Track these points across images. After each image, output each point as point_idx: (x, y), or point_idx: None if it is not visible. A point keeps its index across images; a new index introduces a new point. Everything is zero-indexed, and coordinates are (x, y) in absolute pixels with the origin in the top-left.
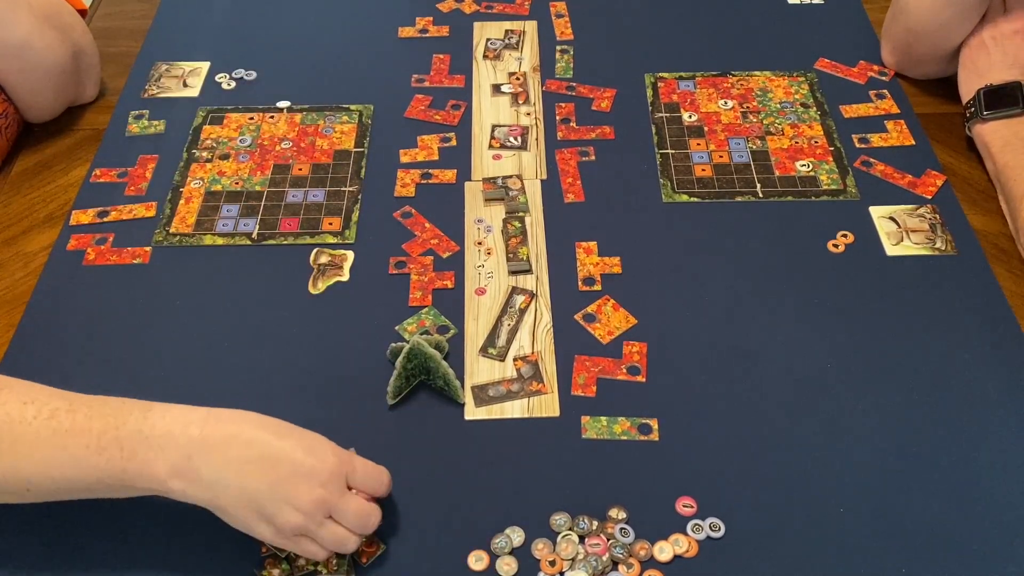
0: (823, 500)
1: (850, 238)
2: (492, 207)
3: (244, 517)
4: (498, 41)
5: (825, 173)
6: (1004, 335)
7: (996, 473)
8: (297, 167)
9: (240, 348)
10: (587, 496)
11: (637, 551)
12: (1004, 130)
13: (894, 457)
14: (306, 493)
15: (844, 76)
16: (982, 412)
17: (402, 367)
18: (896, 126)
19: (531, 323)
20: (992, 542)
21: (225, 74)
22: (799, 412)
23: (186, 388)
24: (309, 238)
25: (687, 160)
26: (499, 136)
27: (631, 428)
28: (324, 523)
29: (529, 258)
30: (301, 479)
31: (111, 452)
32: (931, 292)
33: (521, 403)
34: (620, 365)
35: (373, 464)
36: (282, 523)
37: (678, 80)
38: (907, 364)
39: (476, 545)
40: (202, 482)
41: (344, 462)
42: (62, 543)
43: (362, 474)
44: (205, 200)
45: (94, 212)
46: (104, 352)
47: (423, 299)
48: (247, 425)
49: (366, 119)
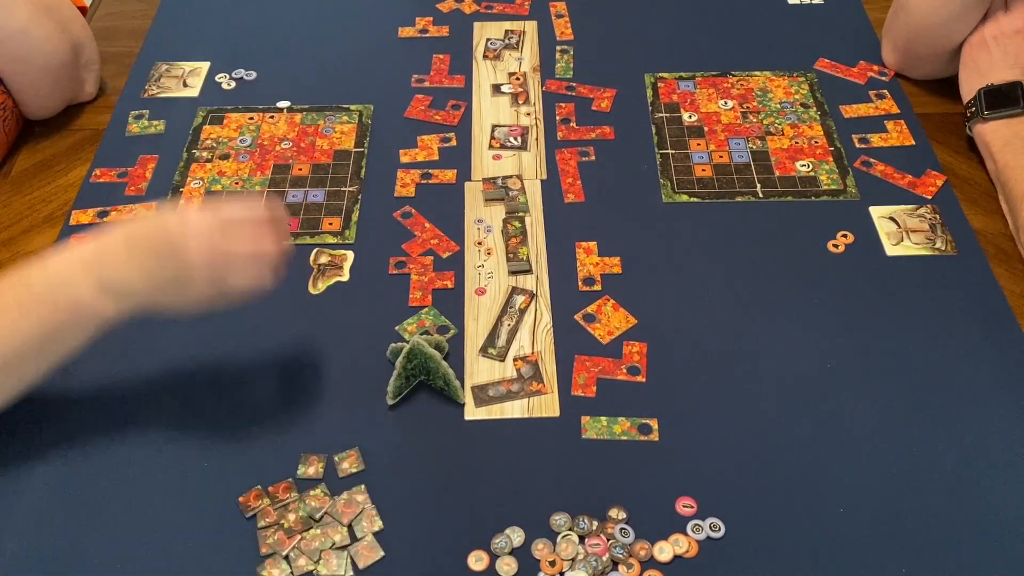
0: (823, 500)
1: (850, 238)
2: (492, 207)
3: (167, 304)
4: (498, 41)
5: (825, 173)
6: (1004, 335)
7: (996, 473)
8: (297, 167)
9: (240, 348)
10: (587, 496)
11: (637, 551)
12: (1005, 130)
13: (894, 457)
14: (199, 250)
15: (844, 76)
16: (982, 412)
17: (402, 367)
18: (896, 126)
19: (531, 323)
20: (992, 542)
21: (225, 74)
22: (799, 412)
23: (186, 388)
24: (309, 238)
25: (687, 160)
26: (499, 136)
27: (631, 428)
28: (231, 264)
29: (529, 258)
30: (189, 241)
31: (39, 311)
32: (931, 292)
33: (521, 403)
34: (620, 365)
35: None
36: (198, 286)
37: (678, 80)
38: (907, 364)
39: (476, 545)
40: (120, 291)
41: (213, 210)
42: (62, 544)
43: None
44: (205, 200)
45: (94, 212)
46: (104, 352)
47: (423, 299)
48: (124, 230)
49: (366, 119)
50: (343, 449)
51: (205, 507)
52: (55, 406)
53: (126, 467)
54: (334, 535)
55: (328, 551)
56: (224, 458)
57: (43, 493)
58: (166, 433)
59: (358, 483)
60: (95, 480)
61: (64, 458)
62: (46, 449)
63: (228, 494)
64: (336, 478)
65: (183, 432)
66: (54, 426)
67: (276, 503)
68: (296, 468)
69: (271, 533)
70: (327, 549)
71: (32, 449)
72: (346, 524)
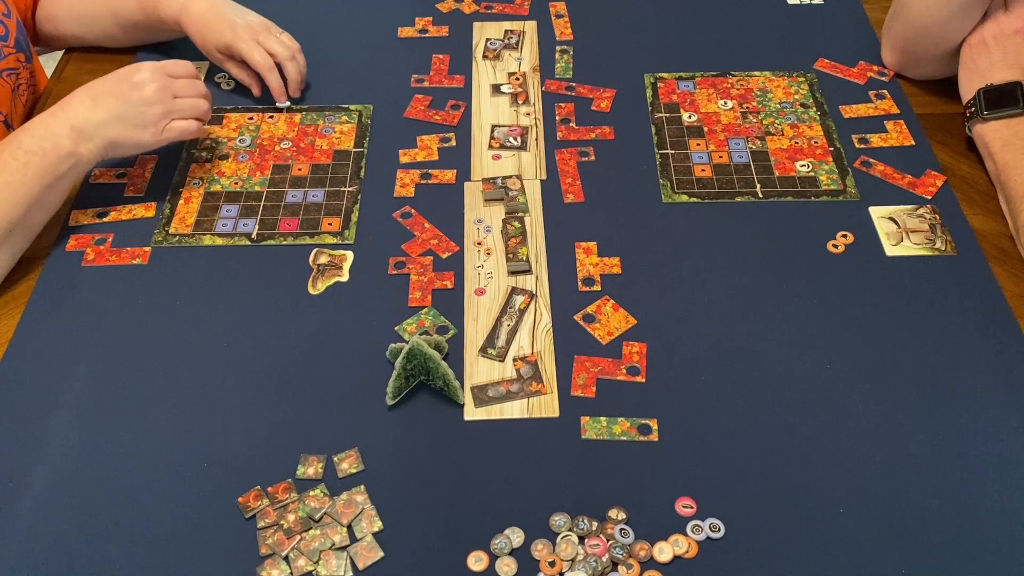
0: (823, 500)
1: (850, 238)
2: (492, 207)
3: (128, 136)
4: (498, 41)
5: (825, 173)
6: (1004, 335)
7: (996, 473)
8: (296, 167)
9: (240, 348)
10: (587, 497)
11: (637, 552)
12: (1004, 130)
13: (894, 457)
14: (146, 84)
15: (844, 76)
16: (982, 412)
17: (402, 367)
18: (896, 126)
19: (531, 323)
20: (992, 542)
21: (225, 74)
22: (799, 412)
23: (186, 388)
24: (309, 238)
25: (687, 160)
26: (499, 136)
27: (631, 428)
28: (176, 101)
29: (529, 258)
30: (138, 84)
31: (34, 162)
32: (931, 292)
33: (521, 403)
34: (620, 365)
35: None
36: (147, 118)
37: (678, 80)
38: (907, 364)
39: (476, 545)
40: (90, 132)
41: (156, 65)
42: (62, 544)
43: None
44: (204, 200)
45: (93, 212)
46: (104, 352)
47: (423, 299)
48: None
49: (366, 119)
50: (343, 449)
51: (205, 507)
52: (55, 406)
53: (126, 467)
54: (334, 536)
55: (328, 551)
56: (224, 458)
57: (43, 493)
58: (166, 433)
59: (358, 483)
60: (95, 480)
61: (64, 458)
62: (46, 449)
63: (228, 494)
64: (336, 478)
65: (183, 432)
66: (54, 426)
67: (276, 503)
68: (296, 468)
69: (271, 533)
70: (327, 550)
71: (32, 449)
72: (346, 525)
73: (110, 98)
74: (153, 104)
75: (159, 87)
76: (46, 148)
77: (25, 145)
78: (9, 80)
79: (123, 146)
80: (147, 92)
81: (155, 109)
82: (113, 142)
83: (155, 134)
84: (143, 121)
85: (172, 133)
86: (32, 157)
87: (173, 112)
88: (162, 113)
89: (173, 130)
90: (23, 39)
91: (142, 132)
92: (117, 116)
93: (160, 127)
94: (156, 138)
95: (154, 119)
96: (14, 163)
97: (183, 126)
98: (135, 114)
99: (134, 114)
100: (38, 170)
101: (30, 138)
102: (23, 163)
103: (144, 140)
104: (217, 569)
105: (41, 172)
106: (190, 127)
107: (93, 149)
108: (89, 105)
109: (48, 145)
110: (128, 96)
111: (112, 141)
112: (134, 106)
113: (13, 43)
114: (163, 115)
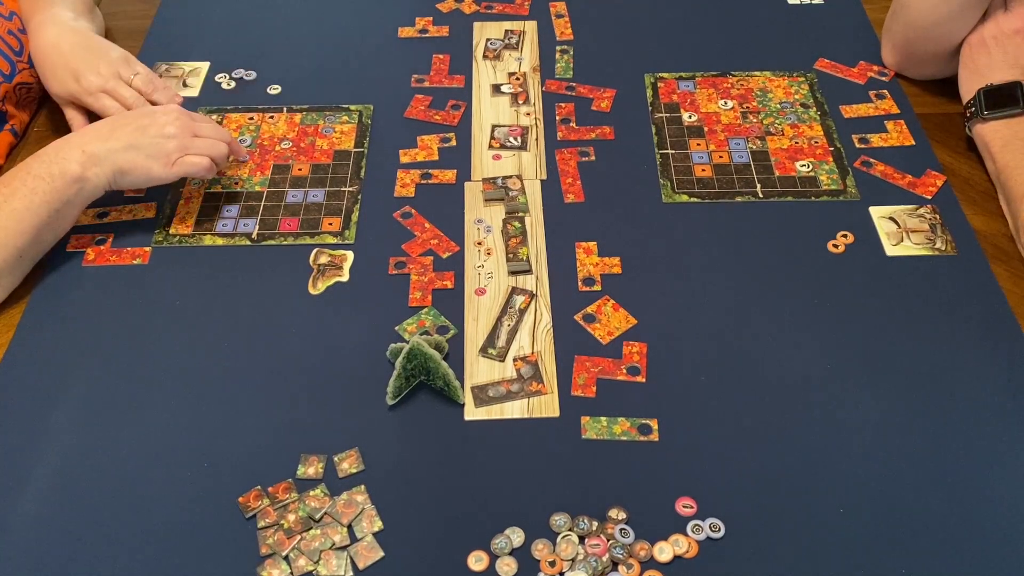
0: (823, 500)
1: (850, 238)
2: (492, 207)
3: (139, 165)
4: (498, 41)
5: (825, 173)
6: (1004, 335)
7: (996, 473)
8: (297, 167)
9: (240, 348)
10: (587, 496)
11: (637, 552)
12: (1004, 130)
13: (894, 457)
14: (167, 122)
15: (844, 76)
16: (982, 412)
17: (402, 367)
18: (896, 126)
19: (531, 323)
20: (992, 542)
21: (225, 74)
22: (799, 412)
23: (186, 388)
24: (309, 238)
25: (687, 160)
26: (499, 136)
27: (631, 428)
28: (194, 139)
29: (529, 258)
30: (158, 116)
31: (41, 188)
32: (931, 292)
33: (521, 403)
34: (620, 365)
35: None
36: (162, 149)
37: (678, 80)
38: (907, 364)
39: (476, 545)
40: (99, 160)
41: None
42: (62, 544)
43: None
44: (205, 200)
45: (94, 212)
46: (104, 352)
47: (423, 299)
48: (107, 119)
49: (366, 119)
50: (343, 449)
51: (205, 507)
52: (55, 406)
53: (126, 467)
54: (334, 535)
55: (328, 551)
56: (224, 458)
57: (43, 492)
58: (166, 433)
59: (358, 483)
60: (95, 480)
61: (64, 458)
62: (46, 449)
63: (228, 494)
64: (336, 478)
65: (183, 432)
66: (54, 426)
67: (276, 503)
68: (296, 468)
69: (271, 533)
70: (327, 549)
71: (32, 449)
72: (346, 524)
73: (127, 128)
74: (170, 138)
75: (180, 124)
76: (54, 173)
77: (34, 171)
78: (22, 94)
79: (132, 174)
80: (166, 128)
81: (171, 143)
82: (122, 170)
83: (166, 166)
84: (157, 152)
85: (183, 167)
86: (40, 182)
87: (189, 148)
88: (177, 147)
89: (184, 164)
90: None
91: (153, 163)
92: (131, 145)
93: (172, 159)
94: (167, 171)
95: (168, 152)
96: (23, 189)
97: (195, 160)
98: (149, 144)
99: (148, 144)
100: (45, 195)
101: (39, 163)
102: (31, 188)
103: (155, 171)
104: (217, 569)
105: (48, 198)
106: (202, 163)
107: (101, 175)
108: (105, 133)
109: (56, 170)
110: (147, 128)
111: (121, 168)
112: (150, 137)
113: (27, 58)
114: (178, 149)
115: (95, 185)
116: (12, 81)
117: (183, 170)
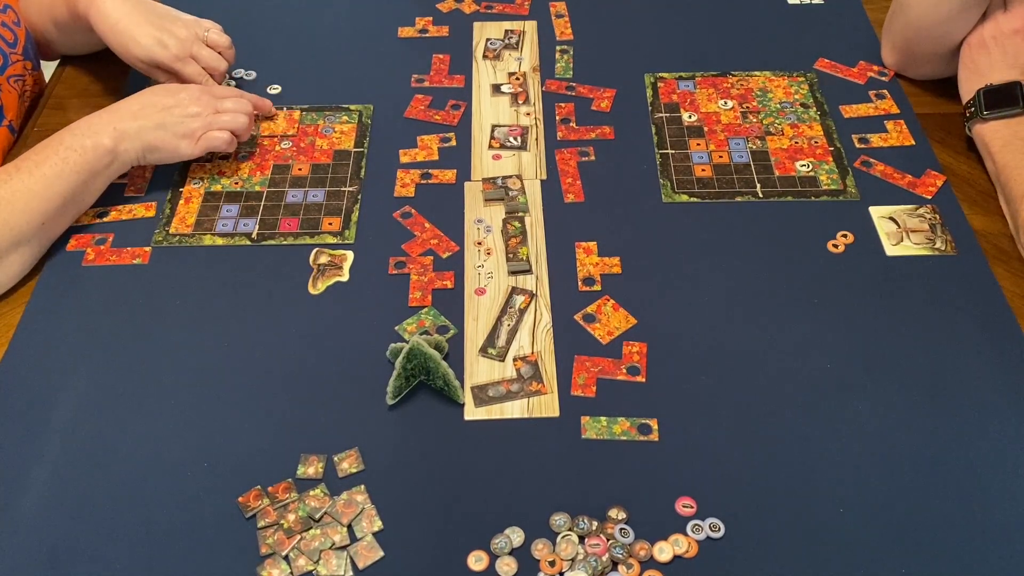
0: (823, 500)
1: (850, 238)
2: (492, 207)
3: (168, 143)
4: (498, 41)
5: (825, 173)
6: (1004, 335)
7: (996, 473)
8: (297, 167)
9: (239, 348)
10: (587, 496)
11: (637, 551)
12: (1004, 130)
13: (894, 457)
14: (191, 101)
15: (844, 76)
16: (982, 412)
17: (402, 367)
18: (896, 126)
19: (531, 323)
20: (992, 542)
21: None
22: (799, 412)
23: (185, 388)
24: (309, 238)
25: (687, 160)
26: (499, 136)
27: (631, 428)
28: (217, 115)
29: (529, 258)
30: (182, 96)
31: (73, 158)
32: (931, 292)
33: (521, 403)
34: (620, 365)
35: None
36: (188, 129)
37: (678, 80)
38: (907, 364)
39: (476, 545)
40: (130, 136)
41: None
42: (62, 543)
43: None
44: (205, 200)
45: (94, 212)
46: (104, 352)
47: (423, 299)
48: (134, 96)
49: (366, 119)
50: (343, 449)
51: (205, 507)
52: (55, 405)
53: (126, 467)
54: (334, 535)
55: (328, 551)
56: (224, 458)
57: (43, 492)
58: (166, 432)
59: (358, 483)
60: (95, 480)
61: (64, 457)
62: (46, 448)
63: (228, 494)
64: (336, 478)
65: (183, 432)
66: (54, 425)
67: (276, 503)
68: (296, 468)
69: (271, 533)
70: (327, 549)
71: (32, 448)
72: (346, 524)
73: (154, 108)
74: (194, 116)
75: (203, 103)
76: (86, 145)
77: (67, 142)
78: (16, 86)
79: (161, 151)
80: (190, 107)
81: (196, 122)
82: (153, 146)
83: (192, 143)
84: (183, 131)
85: (206, 142)
86: (71, 153)
87: (212, 124)
88: (202, 125)
89: (207, 139)
90: (31, 47)
91: (181, 141)
92: (160, 124)
93: (197, 137)
94: (193, 147)
95: (194, 130)
96: (54, 157)
97: (216, 135)
98: (175, 123)
99: (174, 122)
100: (76, 165)
101: (71, 136)
102: (62, 158)
103: (183, 149)
104: (217, 569)
105: (79, 167)
106: (223, 137)
107: (131, 150)
108: (135, 111)
109: (89, 143)
110: (172, 109)
111: (152, 145)
112: (177, 117)
113: (21, 51)
114: (203, 127)
115: (124, 160)
116: (4, 73)
117: (207, 144)
